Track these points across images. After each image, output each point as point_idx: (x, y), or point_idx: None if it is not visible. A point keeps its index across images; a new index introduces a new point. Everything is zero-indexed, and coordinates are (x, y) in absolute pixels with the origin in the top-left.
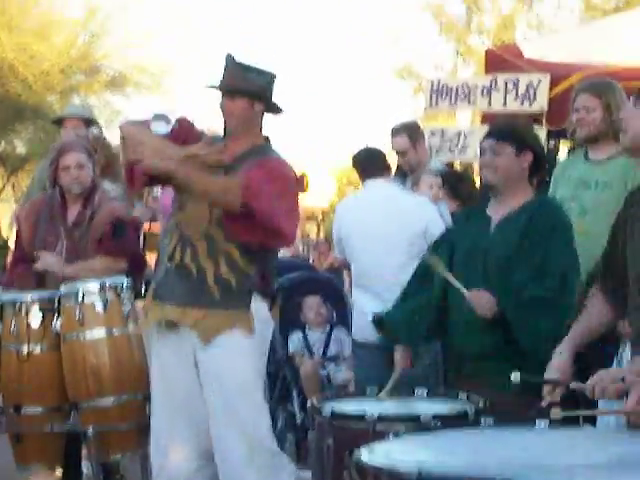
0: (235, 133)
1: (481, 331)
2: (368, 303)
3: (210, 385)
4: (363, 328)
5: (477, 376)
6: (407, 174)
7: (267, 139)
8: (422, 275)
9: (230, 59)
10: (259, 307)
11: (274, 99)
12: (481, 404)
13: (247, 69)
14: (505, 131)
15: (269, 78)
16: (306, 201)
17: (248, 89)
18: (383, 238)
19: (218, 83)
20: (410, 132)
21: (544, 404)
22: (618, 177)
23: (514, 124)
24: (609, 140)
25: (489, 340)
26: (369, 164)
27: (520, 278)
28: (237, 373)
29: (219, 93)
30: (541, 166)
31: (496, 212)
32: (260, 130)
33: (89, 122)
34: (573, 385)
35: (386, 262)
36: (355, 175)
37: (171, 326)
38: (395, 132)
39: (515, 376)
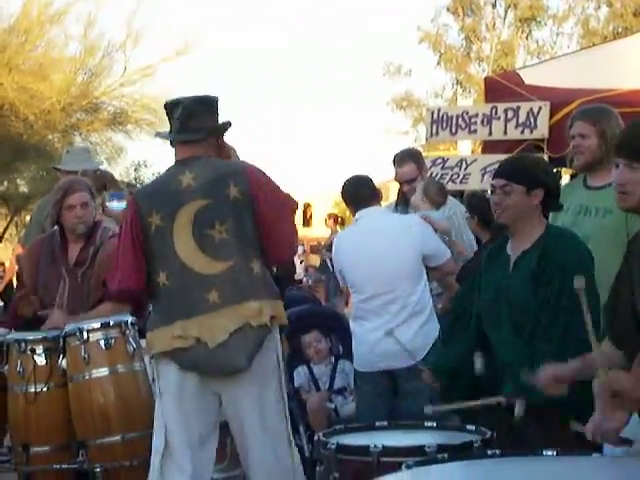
0: None
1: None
2: (370, 332)
3: None
4: (365, 357)
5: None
6: (409, 201)
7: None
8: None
9: None
10: None
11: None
12: (488, 435)
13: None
14: (515, 170)
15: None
16: (312, 232)
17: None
18: (381, 267)
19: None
20: (416, 159)
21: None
22: None
23: (525, 161)
24: (607, 166)
25: None
26: (359, 194)
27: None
28: None
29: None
30: (555, 197)
31: (514, 250)
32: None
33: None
34: (574, 426)
35: (386, 290)
36: None
37: None
38: (401, 160)
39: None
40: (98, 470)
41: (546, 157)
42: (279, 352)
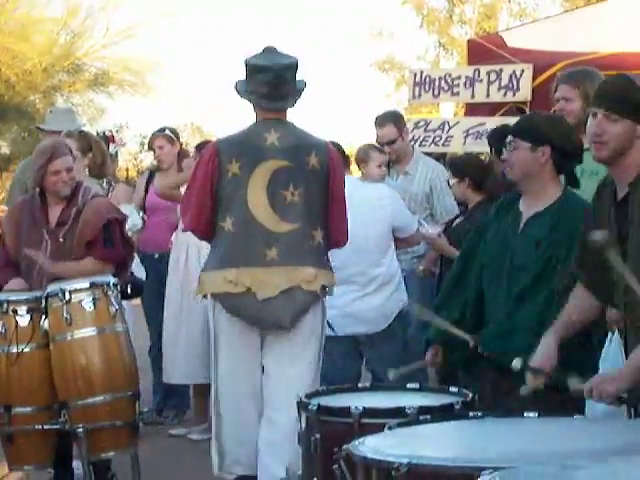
0: None
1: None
2: (337, 297)
3: None
4: (332, 321)
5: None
6: (390, 164)
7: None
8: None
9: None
10: None
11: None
12: (470, 397)
13: None
14: (522, 127)
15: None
16: None
17: None
18: (351, 237)
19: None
20: (396, 121)
21: (525, 391)
22: None
23: (534, 117)
24: None
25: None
26: None
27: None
28: None
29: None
30: (568, 156)
31: (526, 208)
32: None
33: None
34: (572, 384)
35: (356, 260)
36: None
37: None
38: (381, 122)
39: (516, 362)
40: (80, 430)
41: None
42: (324, 319)
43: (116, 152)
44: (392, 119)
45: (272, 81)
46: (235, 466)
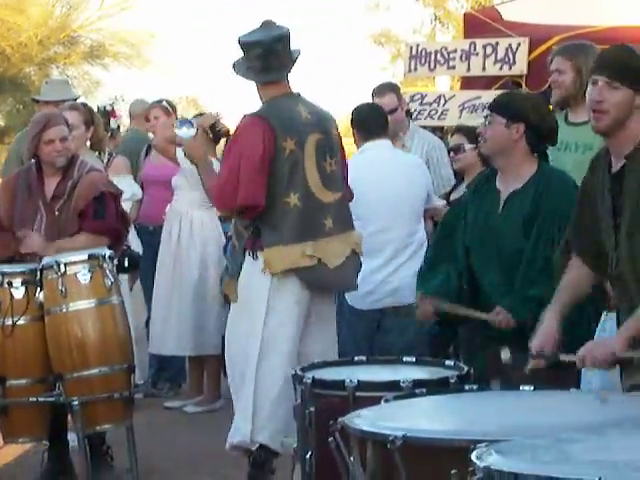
0: None
1: None
2: (374, 272)
3: None
4: (367, 297)
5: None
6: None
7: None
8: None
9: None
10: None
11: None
12: (465, 371)
13: None
14: (499, 103)
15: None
16: None
17: None
18: (393, 203)
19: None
20: (396, 91)
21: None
22: (598, 138)
23: (512, 95)
24: (583, 102)
25: None
26: (374, 123)
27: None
28: None
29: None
30: (542, 137)
31: (503, 186)
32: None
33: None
34: (563, 357)
35: (395, 227)
36: None
37: None
38: (381, 91)
39: (505, 353)
40: (75, 403)
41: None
42: None
43: (118, 126)
44: (391, 88)
45: (262, 54)
46: (260, 433)
